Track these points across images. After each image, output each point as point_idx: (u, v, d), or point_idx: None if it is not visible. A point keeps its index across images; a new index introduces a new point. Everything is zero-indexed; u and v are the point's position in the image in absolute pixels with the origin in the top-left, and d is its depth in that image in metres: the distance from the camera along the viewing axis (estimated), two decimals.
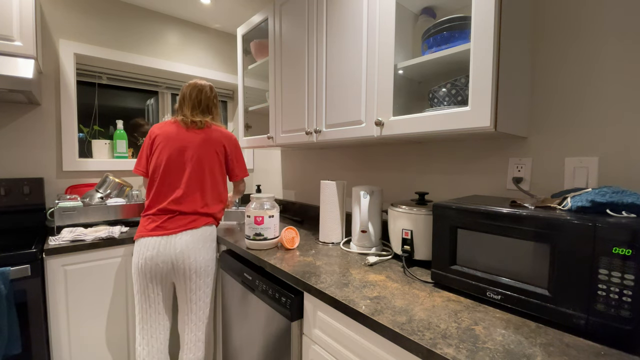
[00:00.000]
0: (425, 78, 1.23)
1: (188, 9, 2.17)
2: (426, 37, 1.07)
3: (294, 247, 1.33)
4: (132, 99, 2.36)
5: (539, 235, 0.72)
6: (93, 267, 1.46)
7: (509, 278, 0.77)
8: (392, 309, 0.79)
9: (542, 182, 1.03)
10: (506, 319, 0.74)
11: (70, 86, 1.87)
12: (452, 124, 0.90)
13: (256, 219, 1.28)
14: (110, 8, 2.01)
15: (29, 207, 1.70)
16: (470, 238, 0.84)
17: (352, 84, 1.20)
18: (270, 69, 1.69)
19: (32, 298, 1.29)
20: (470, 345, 0.63)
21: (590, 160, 0.92)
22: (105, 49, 1.99)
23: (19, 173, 1.74)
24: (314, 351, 0.98)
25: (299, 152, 2.14)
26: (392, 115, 1.06)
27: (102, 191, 1.74)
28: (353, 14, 1.19)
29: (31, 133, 1.77)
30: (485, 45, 0.82)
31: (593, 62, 0.91)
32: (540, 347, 0.63)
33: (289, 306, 1.03)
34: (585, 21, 0.92)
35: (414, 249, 1.08)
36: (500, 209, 0.78)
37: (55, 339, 1.38)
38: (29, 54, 1.45)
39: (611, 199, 0.68)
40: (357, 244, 1.29)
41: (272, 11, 1.66)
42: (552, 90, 0.99)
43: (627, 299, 0.61)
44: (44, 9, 1.79)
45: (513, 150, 1.09)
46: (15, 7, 1.42)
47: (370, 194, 1.23)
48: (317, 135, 1.38)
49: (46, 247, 1.34)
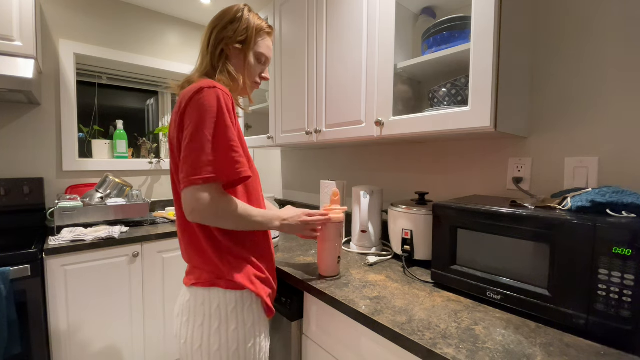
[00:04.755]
0: (425, 78, 1.23)
1: (188, 9, 2.17)
2: (426, 37, 1.07)
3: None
4: (132, 99, 2.36)
5: (539, 235, 0.72)
6: (93, 267, 1.46)
7: (509, 278, 0.77)
8: (392, 309, 0.79)
9: (542, 182, 1.02)
10: (506, 319, 0.74)
11: (70, 86, 1.87)
12: (452, 124, 0.90)
13: None
14: (110, 8, 2.01)
15: (29, 207, 1.70)
16: (471, 238, 0.84)
17: (352, 84, 1.20)
18: (270, 69, 1.69)
19: (32, 298, 1.29)
20: (470, 345, 0.63)
21: (590, 160, 0.92)
22: (105, 49, 1.99)
23: (19, 173, 1.74)
24: (314, 351, 0.98)
25: (299, 152, 2.14)
26: (392, 115, 1.06)
27: (102, 191, 1.74)
28: (353, 14, 1.18)
29: (31, 133, 1.77)
30: (485, 45, 0.82)
31: (593, 61, 0.91)
32: (540, 347, 0.63)
33: (289, 306, 1.03)
34: (586, 21, 0.92)
35: (414, 249, 1.08)
36: (500, 209, 0.78)
37: (55, 339, 1.38)
38: (29, 54, 1.45)
39: (611, 199, 0.68)
40: (357, 244, 1.29)
41: (272, 11, 1.66)
42: (552, 90, 0.99)
43: (627, 299, 0.61)
44: (44, 9, 1.79)
45: (513, 150, 1.09)
46: (15, 7, 1.42)
47: (370, 194, 1.23)
48: (317, 135, 1.38)
49: (46, 247, 1.34)
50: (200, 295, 0.76)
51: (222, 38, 0.83)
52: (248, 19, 0.85)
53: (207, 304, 0.75)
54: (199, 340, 0.75)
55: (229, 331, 0.75)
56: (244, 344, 0.77)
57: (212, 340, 0.75)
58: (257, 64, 0.89)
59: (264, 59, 0.90)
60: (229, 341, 0.75)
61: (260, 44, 0.87)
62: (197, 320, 0.76)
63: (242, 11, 0.85)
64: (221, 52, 0.84)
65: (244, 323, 0.77)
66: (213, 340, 0.75)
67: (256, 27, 0.86)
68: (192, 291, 0.78)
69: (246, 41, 0.84)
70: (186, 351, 0.77)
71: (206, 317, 0.75)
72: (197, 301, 0.76)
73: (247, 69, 0.86)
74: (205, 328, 0.75)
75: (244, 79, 0.86)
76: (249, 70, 0.87)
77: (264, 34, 0.88)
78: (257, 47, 0.87)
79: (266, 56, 0.90)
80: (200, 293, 0.76)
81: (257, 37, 0.86)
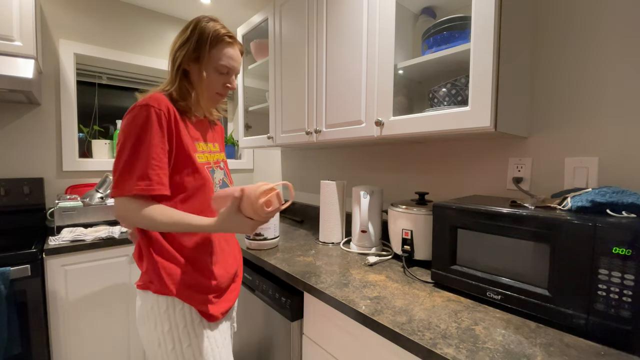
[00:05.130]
0: (425, 78, 1.23)
1: (188, 9, 2.16)
2: (426, 37, 1.07)
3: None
4: (132, 99, 2.35)
5: (539, 235, 0.72)
6: (93, 267, 1.46)
7: (509, 278, 0.77)
8: (392, 309, 0.79)
9: (542, 182, 1.02)
10: (506, 319, 0.74)
11: (70, 86, 1.87)
12: (452, 124, 0.90)
13: None
14: (110, 8, 2.01)
15: (29, 207, 1.70)
16: (471, 238, 0.84)
17: (352, 83, 1.20)
18: (270, 69, 1.69)
19: (32, 298, 1.29)
20: (470, 345, 0.63)
21: (590, 160, 0.92)
22: (105, 49, 1.99)
23: (19, 173, 1.74)
24: (314, 351, 0.98)
25: (299, 152, 2.14)
26: (392, 115, 1.06)
27: (102, 191, 1.74)
28: (353, 14, 1.18)
29: (31, 133, 1.77)
30: (485, 45, 0.82)
31: (593, 62, 0.91)
32: (540, 347, 0.63)
33: (289, 306, 1.03)
34: (586, 21, 0.92)
35: (414, 249, 1.08)
36: (500, 209, 0.78)
37: (55, 339, 1.38)
38: (29, 54, 1.45)
39: (611, 199, 0.68)
40: (357, 244, 1.29)
41: (272, 11, 1.66)
42: (552, 90, 0.99)
43: (627, 299, 0.61)
44: (44, 9, 1.79)
45: (513, 150, 1.09)
46: (15, 7, 1.42)
47: (370, 194, 1.23)
48: (317, 135, 1.38)
49: (46, 247, 1.34)
50: (139, 296, 0.85)
51: (178, 57, 0.84)
52: (202, 34, 0.84)
53: (143, 305, 0.83)
54: (145, 337, 0.84)
55: (164, 331, 0.81)
56: (180, 344, 0.81)
57: (151, 338, 0.82)
58: (218, 76, 0.87)
59: (226, 70, 0.87)
60: (166, 340, 0.81)
61: (217, 56, 0.85)
62: (139, 319, 0.85)
63: (196, 26, 0.85)
64: (181, 69, 0.85)
65: (176, 325, 0.81)
66: (152, 338, 0.82)
67: (211, 41, 0.84)
68: (137, 291, 0.87)
69: (200, 58, 0.84)
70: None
71: (143, 317, 0.83)
72: (138, 301, 0.86)
73: (203, 84, 0.86)
74: (145, 327, 0.83)
75: (197, 94, 0.86)
76: (207, 84, 0.86)
77: (221, 45, 0.86)
78: (215, 60, 0.85)
79: (228, 67, 0.87)
80: (139, 294, 0.85)
81: (212, 49, 0.85)
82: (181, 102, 0.85)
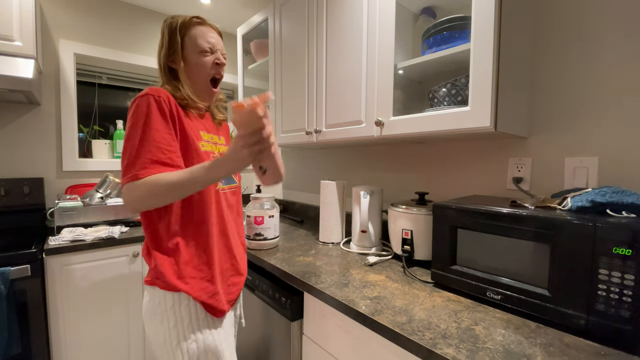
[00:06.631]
0: (425, 78, 1.23)
1: (188, 9, 2.16)
2: (426, 37, 1.07)
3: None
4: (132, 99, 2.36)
5: (539, 235, 0.72)
6: (93, 267, 1.46)
7: (509, 278, 0.77)
8: (392, 309, 0.79)
9: (542, 182, 1.02)
10: (506, 319, 0.74)
11: (70, 86, 1.87)
12: (452, 124, 0.90)
13: (256, 219, 1.28)
14: (110, 8, 2.01)
15: (29, 207, 1.70)
16: (471, 238, 0.84)
17: (352, 83, 1.20)
18: (270, 69, 1.69)
19: (32, 298, 1.29)
20: (470, 345, 0.63)
21: (590, 160, 0.92)
22: (105, 49, 1.99)
23: (19, 173, 1.74)
24: (314, 351, 0.98)
25: (299, 152, 2.14)
26: (392, 115, 1.06)
27: (102, 191, 1.74)
28: (353, 14, 1.18)
29: (31, 133, 1.77)
30: (485, 45, 0.82)
31: (593, 62, 0.91)
32: (540, 347, 0.63)
33: (289, 306, 1.03)
34: (586, 21, 0.92)
35: (414, 249, 1.08)
36: (500, 209, 0.78)
37: (55, 339, 1.38)
38: (29, 54, 1.45)
39: (611, 199, 0.68)
40: (357, 244, 1.29)
41: (272, 11, 1.66)
42: (552, 90, 0.99)
43: (627, 299, 0.61)
44: (44, 9, 1.79)
45: (513, 150, 1.09)
46: (15, 7, 1.42)
47: (370, 194, 1.23)
48: (317, 135, 1.38)
49: (46, 247, 1.34)
50: (147, 292, 0.85)
51: (160, 59, 0.87)
52: (171, 28, 0.86)
53: (151, 300, 0.83)
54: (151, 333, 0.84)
55: (170, 326, 0.81)
56: (185, 339, 0.81)
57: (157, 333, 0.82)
58: (203, 57, 0.87)
59: (207, 47, 0.87)
60: (171, 335, 0.81)
61: (192, 39, 0.86)
62: (145, 314, 0.85)
63: (165, 26, 0.87)
64: (167, 68, 0.87)
65: (182, 320, 0.81)
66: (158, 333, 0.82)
67: (180, 29, 0.86)
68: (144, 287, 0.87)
69: (177, 50, 0.86)
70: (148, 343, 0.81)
71: (150, 313, 0.83)
72: (145, 297, 0.86)
73: (192, 71, 0.87)
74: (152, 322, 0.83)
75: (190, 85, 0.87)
76: (197, 70, 0.87)
77: (192, 29, 0.87)
78: (192, 43, 0.86)
79: (207, 44, 0.87)
80: (147, 289, 0.85)
81: (184, 37, 0.86)
82: (177, 94, 0.85)
